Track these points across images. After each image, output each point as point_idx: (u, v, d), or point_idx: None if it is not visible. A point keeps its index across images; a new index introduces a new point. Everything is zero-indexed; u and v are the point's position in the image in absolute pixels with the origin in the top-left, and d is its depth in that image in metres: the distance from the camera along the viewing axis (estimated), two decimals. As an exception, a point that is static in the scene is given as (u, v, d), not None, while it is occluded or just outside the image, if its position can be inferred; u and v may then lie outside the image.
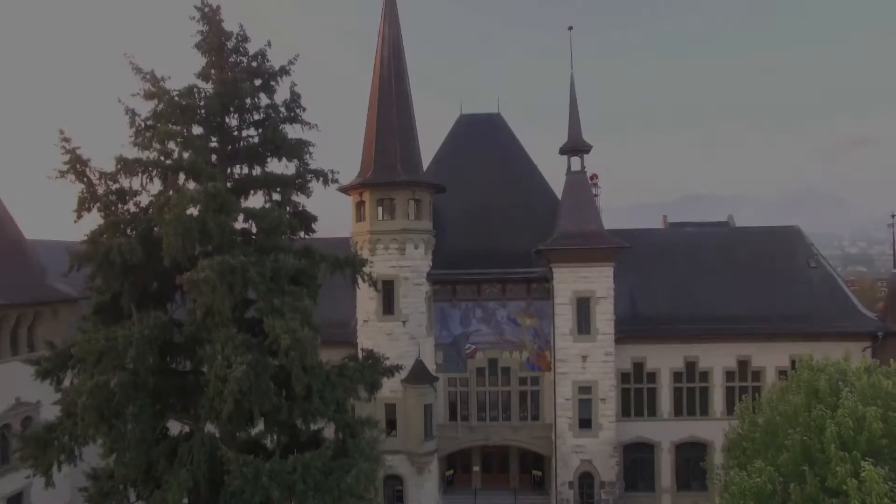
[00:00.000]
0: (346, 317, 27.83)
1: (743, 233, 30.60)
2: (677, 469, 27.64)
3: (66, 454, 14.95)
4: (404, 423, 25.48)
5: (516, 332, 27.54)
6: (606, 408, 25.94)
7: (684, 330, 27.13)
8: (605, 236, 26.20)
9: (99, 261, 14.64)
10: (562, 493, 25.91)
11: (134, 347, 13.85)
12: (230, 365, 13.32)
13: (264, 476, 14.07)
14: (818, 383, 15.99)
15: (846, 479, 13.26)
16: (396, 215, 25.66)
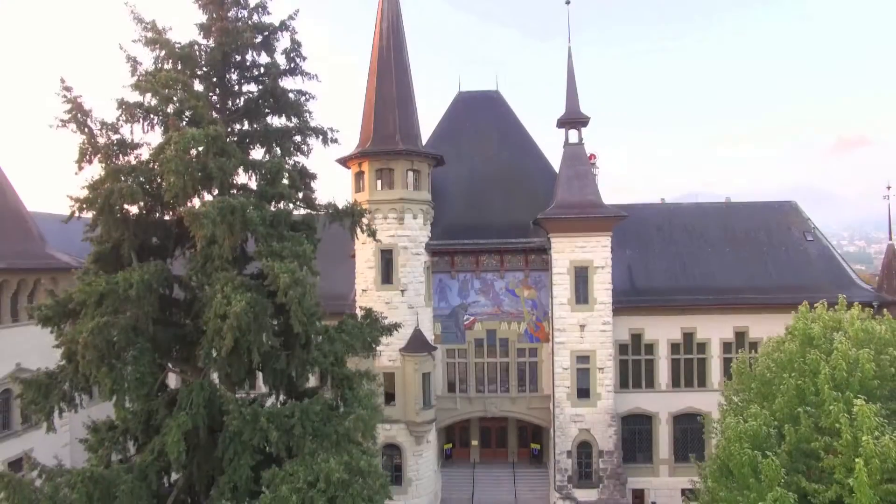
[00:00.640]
0: (346, 290, 27.95)
1: (740, 208, 30.73)
2: (675, 440, 27.72)
3: (66, 400, 15.11)
4: (403, 392, 25.57)
5: (514, 303, 27.67)
6: (605, 377, 26.03)
7: (682, 301, 27.27)
8: (603, 206, 26.33)
9: (100, 206, 14.72)
10: (560, 462, 25.98)
11: (134, 289, 14.02)
12: (230, 302, 13.45)
13: (263, 418, 14.19)
14: (813, 331, 16.13)
15: (839, 416, 13.39)
16: (395, 185, 25.78)
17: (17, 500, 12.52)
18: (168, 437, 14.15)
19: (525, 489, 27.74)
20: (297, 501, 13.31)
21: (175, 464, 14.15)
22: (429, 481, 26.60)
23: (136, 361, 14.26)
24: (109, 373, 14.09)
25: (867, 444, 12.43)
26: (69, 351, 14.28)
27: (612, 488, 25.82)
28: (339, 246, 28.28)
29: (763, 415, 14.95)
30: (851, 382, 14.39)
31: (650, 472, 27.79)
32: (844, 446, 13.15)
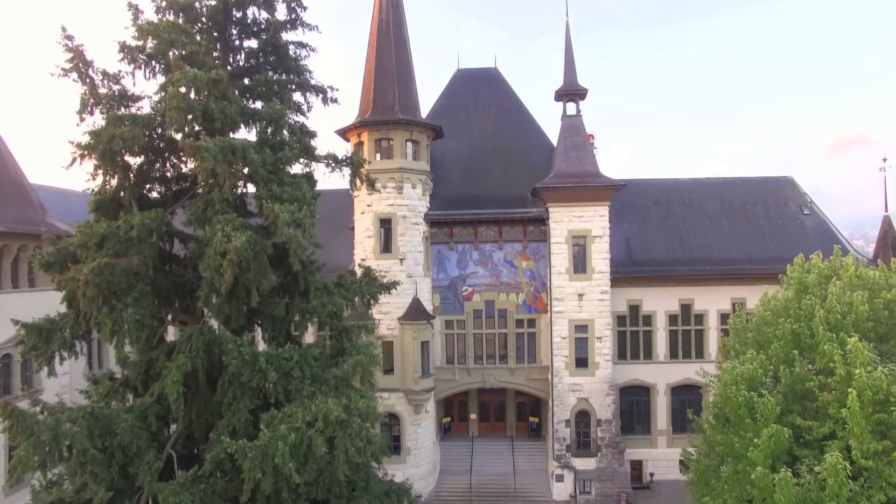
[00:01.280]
0: (345, 263, 28.02)
1: (737, 183, 30.85)
2: (673, 412, 27.81)
3: (67, 346, 15.22)
4: (401, 361, 25.65)
5: (513, 274, 27.79)
6: (603, 346, 26.12)
7: (679, 272, 27.41)
8: (601, 176, 26.48)
9: (101, 151, 14.85)
10: (558, 431, 26.05)
11: (135, 230, 14.16)
12: (230, 240, 13.57)
13: (261, 358, 14.29)
14: (808, 279, 16.26)
15: (833, 355, 13.52)
16: (394, 155, 25.91)
17: (19, 429, 12.58)
18: (167, 379, 14.27)
19: (523, 461, 27.79)
20: (296, 440, 13.41)
21: (174, 405, 14.26)
22: (427, 451, 26.66)
23: (136, 303, 14.36)
24: (110, 314, 14.22)
25: (860, 377, 12.55)
26: (70, 293, 14.42)
27: (610, 457, 25.88)
28: (338, 219, 28.50)
29: (759, 359, 15.06)
30: (846, 325, 14.53)
31: (648, 444, 27.89)
32: (838, 382, 13.27)
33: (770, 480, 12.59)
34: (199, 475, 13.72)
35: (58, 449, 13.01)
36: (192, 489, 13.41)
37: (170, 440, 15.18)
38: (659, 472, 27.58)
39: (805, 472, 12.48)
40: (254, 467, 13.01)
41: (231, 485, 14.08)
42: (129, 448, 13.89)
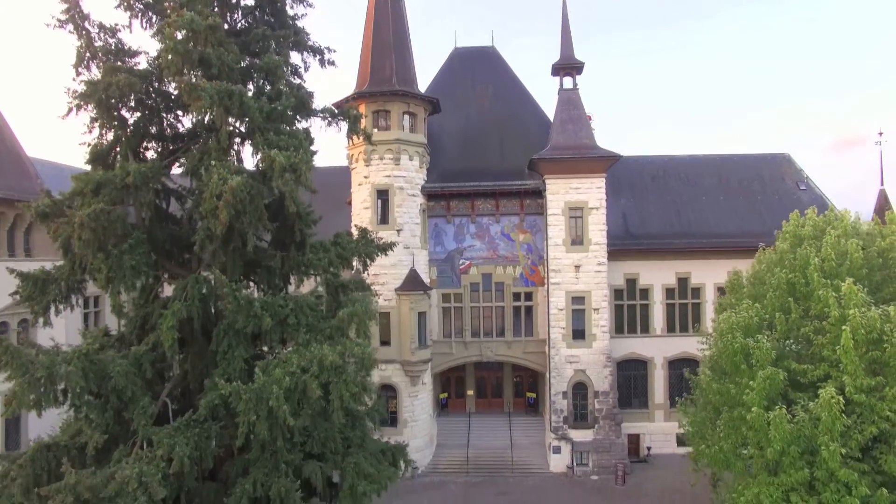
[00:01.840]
0: (342, 238, 28.03)
1: (734, 160, 30.90)
2: (670, 385, 27.79)
3: (63, 296, 15.21)
4: (398, 332, 25.63)
5: (510, 247, 27.81)
6: (600, 318, 26.12)
7: (676, 245, 27.44)
8: (598, 148, 26.52)
9: (97, 100, 14.83)
10: (556, 403, 26.02)
11: (132, 177, 14.15)
12: (225, 182, 13.58)
13: (257, 304, 14.28)
14: (804, 231, 16.30)
15: (828, 299, 13.55)
16: (391, 126, 25.93)
17: (14, 366, 12.55)
18: (163, 325, 14.26)
19: (521, 435, 27.75)
20: (290, 384, 13.38)
21: (169, 351, 14.25)
22: (424, 424, 26.62)
23: (131, 251, 14.35)
24: (105, 259, 14.24)
25: (854, 316, 12.57)
26: (65, 240, 14.42)
27: (607, 428, 25.86)
28: (336, 194, 28.49)
29: (755, 308, 15.10)
30: (840, 272, 14.55)
31: (645, 418, 27.87)
32: (832, 324, 13.29)
33: (765, 420, 12.61)
34: (193, 419, 13.71)
35: (52, 389, 12.94)
36: (187, 433, 13.38)
37: (165, 390, 15.16)
38: (656, 446, 27.55)
39: (800, 411, 12.50)
40: (248, 410, 12.98)
41: (226, 432, 14.07)
42: (123, 392, 13.87)
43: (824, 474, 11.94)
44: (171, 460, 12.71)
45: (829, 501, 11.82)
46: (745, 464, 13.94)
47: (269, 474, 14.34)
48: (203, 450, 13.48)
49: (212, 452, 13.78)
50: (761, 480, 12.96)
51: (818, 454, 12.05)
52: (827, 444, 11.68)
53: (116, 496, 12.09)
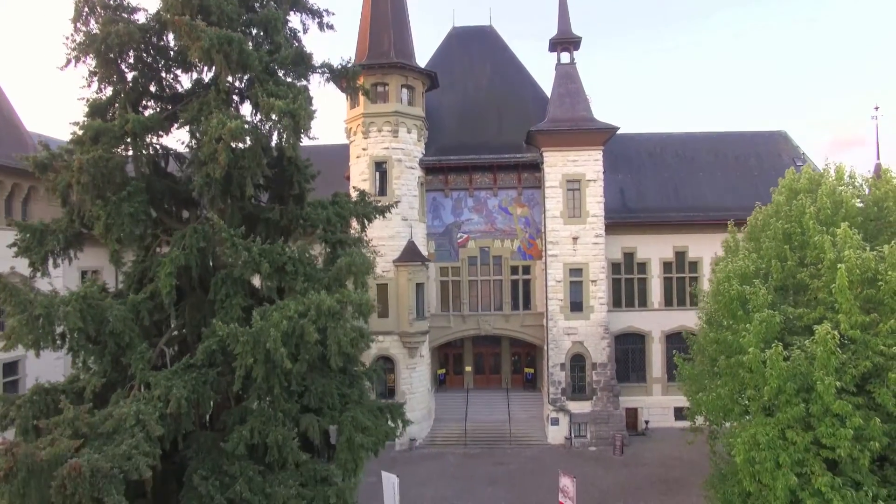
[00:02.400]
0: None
1: (731, 137, 31.01)
2: (668, 359, 27.81)
3: (61, 248, 15.24)
4: (396, 303, 25.67)
5: (508, 220, 27.87)
6: (597, 290, 26.17)
7: (673, 218, 27.53)
8: (594, 120, 26.62)
9: (96, 49, 14.85)
10: (553, 374, 26.06)
11: (131, 124, 14.21)
12: (224, 125, 13.64)
13: (255, 249, 14.32)
14: (799, 184, 16.38)
15: (823, 244, 13.63)
16: (389, 99, 26.04)
17: (13, 304, 12.56)
18: (161, 272, 14.30)
19: (519, 410, 27.78)
20: (288, 328, 13.41)
21: (167, 298, 14.28)
22: (422, 397, 26.64)
23: (130, 198, 14.40)
24: (104, 206, 14.28)
25: (849, 257, 12.65)
26: (63, 189, 14.46)
27: (605, 400, 25.89)
28: (336, 172, 28.55)
29: (751, 257, 15.18)
30: (836, 220, 14.62)
31: (643, 392, 27.91)
32: (828, 267, 13.36)
33: (761, 359, 12.67)
34: (190, 364, 13.73)
35: (50, 330, 12.98)
36: (184, 377, 13.39)
37: (162, 339, 15.18)
38: (654, 419, 27.59)
39: (796, 349, 12.55)
40: (245, 353, 13.00)
41: (223, 378, 14.07)
42: (121, 337, 13.88)
43: (819, 409, 11.98)
44: (168, 402, 12.75)
45: (823, 435, 11.86)
46: (743, 409, 13.97)
47: (266, 423, 14.34)
48: (200, 394, 13.47)
49: (209, 398, 13.81)
50: (758, 422, 13.00)
51: (813, 391, 12.11)
52: (822, 379, 11.74)
53: (114, 432, 12.10)
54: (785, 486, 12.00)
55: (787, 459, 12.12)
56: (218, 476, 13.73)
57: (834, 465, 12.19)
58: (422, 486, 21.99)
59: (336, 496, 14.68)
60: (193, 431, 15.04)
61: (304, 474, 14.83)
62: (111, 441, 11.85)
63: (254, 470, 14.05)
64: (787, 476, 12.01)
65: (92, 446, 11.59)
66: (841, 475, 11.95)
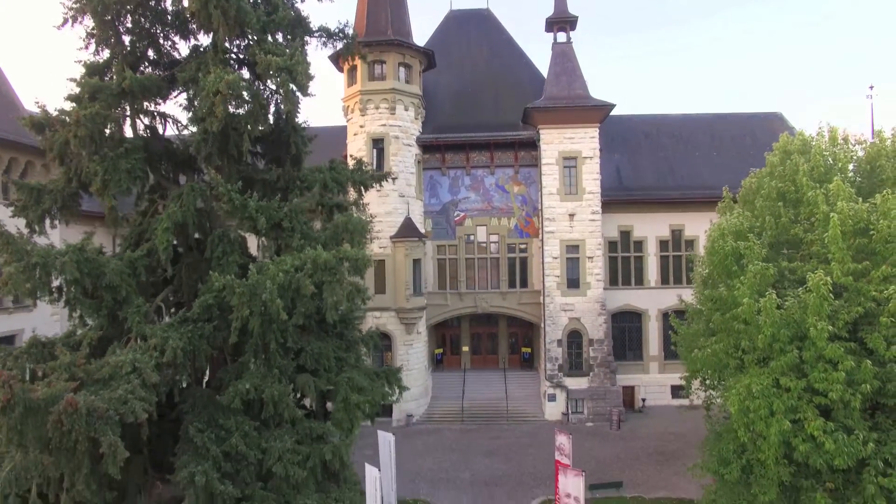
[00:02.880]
0: (337, 193, 28.15)
1: (727, 118, 31.11)
2: (665, 338, 27.84)
3: (58, 208, 15.28)
4: (393, 279, 25.73)
5: (504, 198, 27.96)
6: (594, 266, 26.25)
7: (670, 196, 27.62)
8: (591, 98, 26.72)
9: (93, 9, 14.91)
10: (550, 351, 26.12)
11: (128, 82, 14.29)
12: (222, 78, 13.72)
13: (251, 204, 14.39)
14: (793, 145, 16.48)
15: (817, 199, 13.73)
16: (387, 77, 26.13)
17: (10, 252, 12.60)
18: (158, 227, 14.37)
19: (516, 388, 27.83)
20: (284, 281, 13.48)
21: (163, 254, 14.34)
22: (420, 374, 26.68)
23: (127, 154, 14.48)
24: (101, 162, 14.35)
25: (841, 208, 12.75)
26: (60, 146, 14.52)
27: (602, 376, 25.95)
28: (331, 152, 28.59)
29: (745, 215, 15.27)
30: (829, 177, 14.71)
31: (640, 370, 27.96)
32: (821, 220, 13.45)
33: (755, 308, 12.75)
34: (186, 318, 13.79)
35: (47, 280, 13.03)
36: (180, 329, 13.46)
37: (159, 296, 15.23)
38: (651, 397, 27.64)
39: (790, 298, 12.63)
40: (242, 304, 13.08)
41: (219, 334, 14.11)
42: (117, 291, 13.94)
43: (812, 355, 12.05)
44: (164, 352, 12.79)
45: (816, 380, 11.92)
46: (738, 363, 14.02)
47: (262, 379, 14.38)
48: (196, 347, 13.54)
49: (205, 351, 13.86)
50: (752, 373, 13.06)
51: (807, 338, 12.18)
52: (815, 325, 11.81)
53: (110, 379, 12.16)
54: (778, 431, 12.04)
55: (781, 406, 12.16)
56: (214, 429, 13.78)
57: (826, 412, 12.25)
58: (419, 458, 22.05)
59: (332, 453, 14.74)
60: (189, 387, 15.17)
61: (299, 432, 14.90)
62: (107, 387, 11.90)
63: (250, 425, 14.12)
64: (780, 422, 12.05)
65: (88, 391, 11.64)
66: (833, 421, 12.01)
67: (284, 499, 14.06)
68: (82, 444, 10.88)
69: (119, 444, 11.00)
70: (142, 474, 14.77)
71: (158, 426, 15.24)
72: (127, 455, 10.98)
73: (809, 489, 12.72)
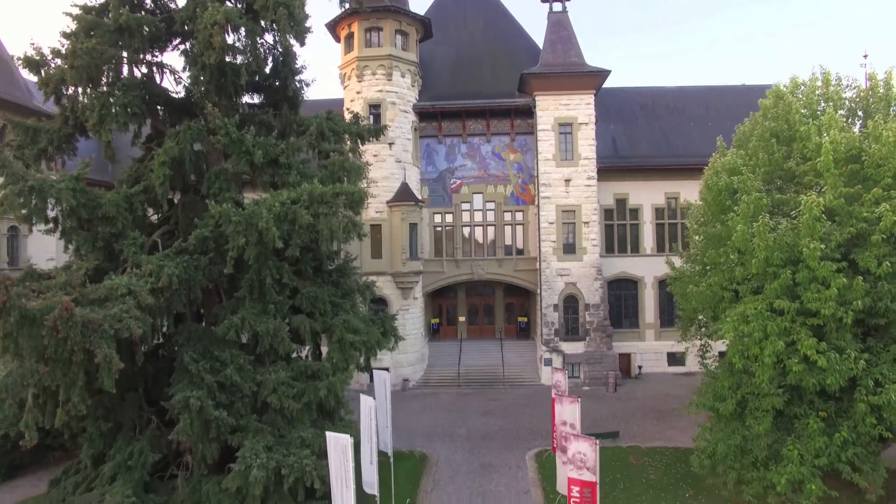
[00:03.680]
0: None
1: (722, 90, 31.24)
2: (660, 305, 27.98)
3: (54, 147, 15.32)
4: (389, 243, 25.78)
5: (501, 166, 28.04)
6: (590, 231, 26.31)
7: (665, 162, 27.74)
8: (586, 65, 26.85)
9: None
10: (547, 315, 26.15)
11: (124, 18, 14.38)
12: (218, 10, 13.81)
13: (248, 138, 14.45)
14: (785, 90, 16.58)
15: (809, 131, 13.86)
16: (383, 43, 26.23)
17: (6, 174, 12.65)
18: (155, 161, 14.42)
19: (512, 355, 27.85)
20: (280, 213, 13.54)
21: (160, 189, 14.41)
22: (416, 339, 26.69)
23: (125, 90, 14.53)
24: (98, 97, 14.40)
25: (834, 136, 12.86)
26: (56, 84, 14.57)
27: (598, 341, 25.99)
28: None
29: (739, 153, 15.38)
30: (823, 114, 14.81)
31: (636, 337, 28.03)
32: (813, 151, 13.55)
33: (749, 233, 12.83)
34: (183, 248, 13.81)
35: (43, 206, 13.07)
36: (176, 259, 13.48)
37: (155, 232, 15.25)
38: (647, 365, 27.71)
39: (783, 223, 12.72)
40: (237, 233, 13.16)
41: (215, 267, 14.13)
42: (113, 223, 14.02)
43: (805, 276, 12.12)
44: (159, 278, 12.81)
45: (808, 300, 11.99)
46: (732, 295, 14.09)
47: (258, 316, 14.41)
48: (192, 277, 13.56)
49: (200, 283, 13.87)
50: (747, 301, 13.13)
51: (800, 262, 12.26)
52: (807, 245, 11.89)
53: (105, 300, 12.17)
54: (772, 352, 12.11)
55: (775, 329, 12.24)
56: (208, 361, 13.80)
57: (819, 335, 12.31)
58: (415, 417, 22.06)
59: (327, 389, 14.77)
60: (185, 322, 15.18)
61: (294, 370, 14.94)
62: (103, 307, 11.91)
63: (244, 359, 14.16)
64: (774, 344, 12.12)
65: (84, 310, 11.64)
66: (826, 342, 12.07)
67: (279, 432, 14.09)
68: (77, 356, 10.91)
69: (114, 355, 11.03)
70: (137, 410, 14.82)
71: (154, 365, 15.34)
72: (121, 366, 11.01)
73: (802, 415, 12.80)
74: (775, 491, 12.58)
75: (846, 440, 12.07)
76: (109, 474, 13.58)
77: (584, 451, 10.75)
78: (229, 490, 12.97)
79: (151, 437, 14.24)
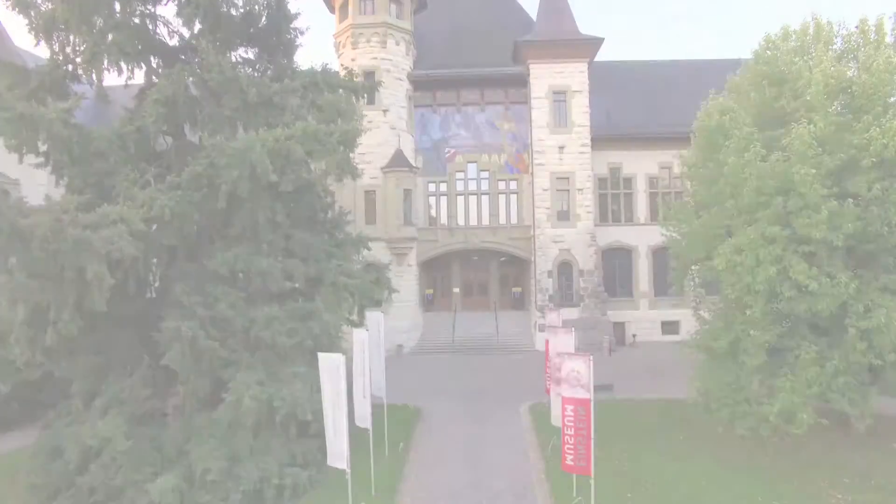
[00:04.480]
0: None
1: (716, 63, 31.34)
2: (654, 274, 28.03)
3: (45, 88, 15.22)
4: (384, 209, 25.80)
5: (495, 135, 28.09)
6: (584, 198, 26.39)
7: (657, 132, 27.83)
8: (580, 33, 26.97)
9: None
10: (541, 282, 26.19)
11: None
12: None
13: (242, 77, 14.43)
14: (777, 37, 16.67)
15: (800, 69, 13.94)
16: (377, 10, 26.29)
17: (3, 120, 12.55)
18: (148, 98, 14.38)
19: (507, 324, 27.82)
20: (274, 148, 13.52)
21: (153, 126, 14.35)
22: (410, 307, 26.68)
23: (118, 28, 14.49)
24: (90, 34, 14.35)
25: (825, 68, 12.94)
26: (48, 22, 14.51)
27: (592, 307, 26.03)
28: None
29: (731, 95, 15.47)
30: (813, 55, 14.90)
31: (631, 306, 28.08)
32: (804, 86, 13.63)
33: (741, 164, 12.90)
34: (176, 183, 13.74)
35: (34, 136, 12.98)
36: (169, 193, 13.41)
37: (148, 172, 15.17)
38: (642, 333, 27.74)
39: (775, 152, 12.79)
40: (230, 166, 13.10)
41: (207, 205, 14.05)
42: (105, 158, 13.94)
43: (796, 203, 12.20)
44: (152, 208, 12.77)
45: (800, 226, 12.07)
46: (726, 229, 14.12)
47: (251, 255, 14.36)
48: (185, 211, 13.49)
49: (193, 217, 13.79)
50: (740, 233, 13.19)
51: (792, 190, 12.34)
52: (799, 171, 11.97)
53: (97, 227, 12.10)
54: (765, 278, 12.17)
55: (767, 256, 12.30)
56: (201, 295, 13.73)
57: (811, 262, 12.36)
58: (410, 376, 22.02)
59: (320, 328, 14.72)
60: (177, 260, 15.11)
61: (288, 310, 14.87)
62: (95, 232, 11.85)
63: (237, 296, 14.09)
64: (766, 270, 12.19)
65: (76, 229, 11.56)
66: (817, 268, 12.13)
67: (272, 369, 14.03)
68: (69, 273, 10.85)
69: (105, 273, 10.99)
70: (129, 349, 14.73)
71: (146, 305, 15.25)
72: (112, 282, 10.96)
73: (794, 348, 12.86)
74: (768, 423, 12.64)
75: (837, 369, 12.14)
76: (101, 409, 13.48)
77: (579, 369, 10.74)
78: (221, 423, 12.90)
79: (144, 375, 14.16)
